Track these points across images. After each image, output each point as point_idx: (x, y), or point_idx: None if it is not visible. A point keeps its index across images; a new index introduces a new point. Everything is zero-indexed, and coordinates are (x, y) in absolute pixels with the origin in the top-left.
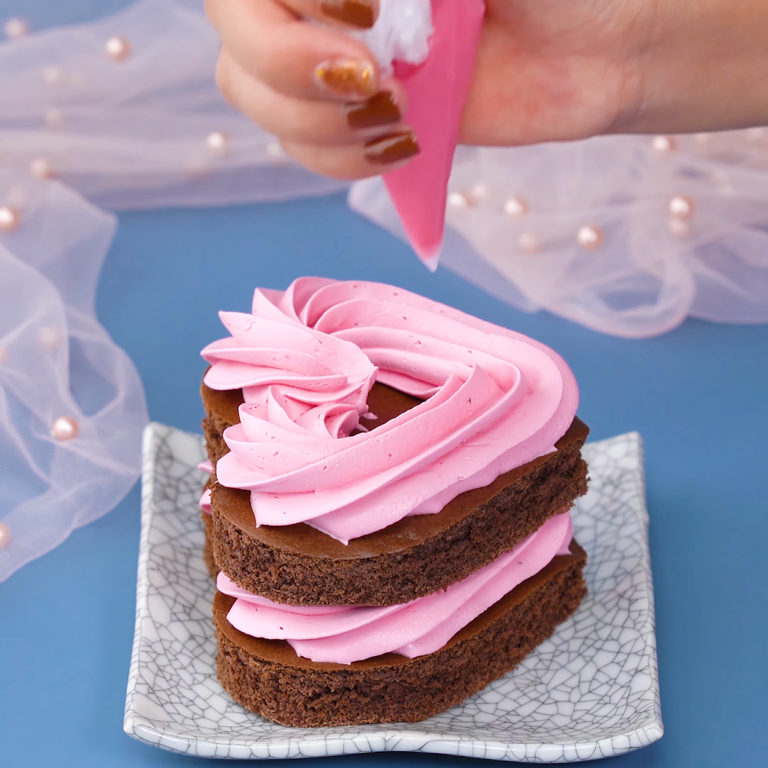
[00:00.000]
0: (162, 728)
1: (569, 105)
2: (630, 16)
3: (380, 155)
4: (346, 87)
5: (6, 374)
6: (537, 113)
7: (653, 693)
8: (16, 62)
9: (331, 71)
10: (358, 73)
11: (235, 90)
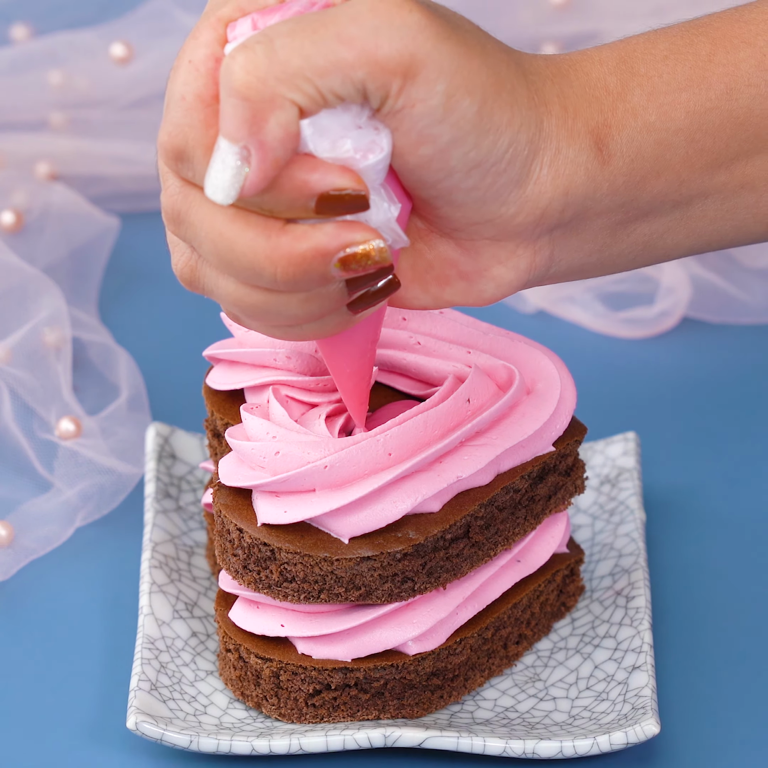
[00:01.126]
0: (164, 724)
1: (479, 281)
2: (540, 207)
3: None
4: (364, 267)
5: (10, 374)
6: (448, 286)
7: (650, 689)
8: (20, 65)
9: (348, 259)
10: (375, 252)
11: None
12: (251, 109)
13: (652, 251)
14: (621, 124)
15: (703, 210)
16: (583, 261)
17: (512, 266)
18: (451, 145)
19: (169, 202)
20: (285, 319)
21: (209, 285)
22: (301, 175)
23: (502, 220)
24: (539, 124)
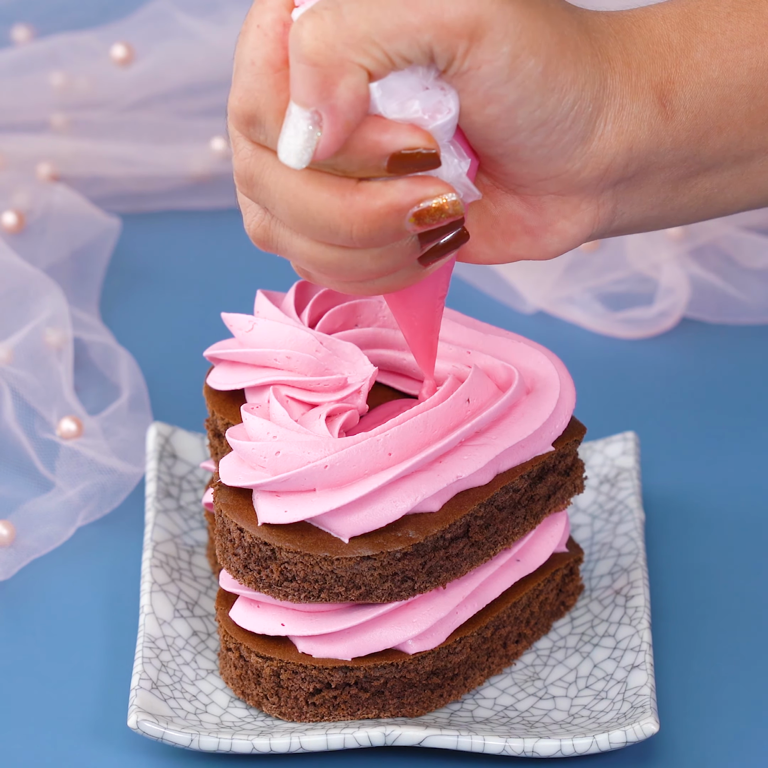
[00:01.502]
0: (165, 723)
1: (544, 235)
2: (605, 162)
3: (438, 251)
4: (438, 220)
5: (12, 374)
6: (513, 241)
7: (649, 688)
8: (21, 67)
9: (422, 213)
10: (448, 206)
11: (284, 247)
12: (321, 75)
13: (712, 205)
14: (684, 80)
15: (764, 165)
16: (645, 214)
17: (576, 220)
18: (516, 105)
19: (242, 165)
20: (359, 274)
21: (283, 244)
22: (373, 136)
23: (567, 175)
24: (603, 81)
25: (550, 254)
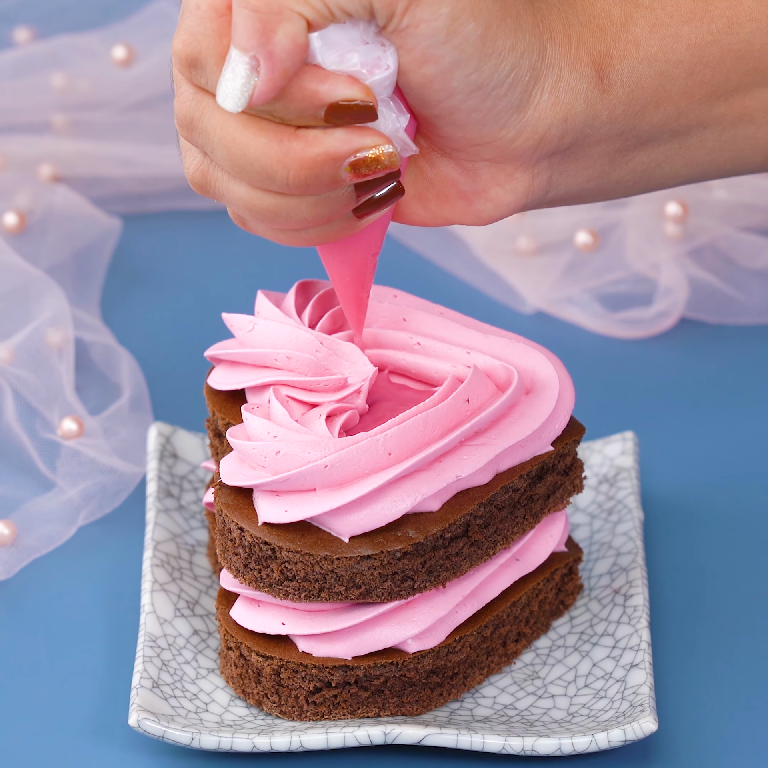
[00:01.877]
0: (166, 722)
1: (478, 201)
2: (539, 132)
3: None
4: (374, 171)
5: (13, 374)
6: (447, 204)
7: (648, 687)
8: (22, 68)
9: (358, 163)
10: (384, 157)
11: (222, 192)
12: (260, 20)
13: (650, 179)
14: (623, 54)
15: (702, 140)
16: (581, 187)
17: (510, 189)
18: (453, 67)
19: (182, 108)
20: (294, 222)
21: (220, 189)
22: (311, 85)
23: (501, 142)
24: (542, 51)
25: (484, 220)
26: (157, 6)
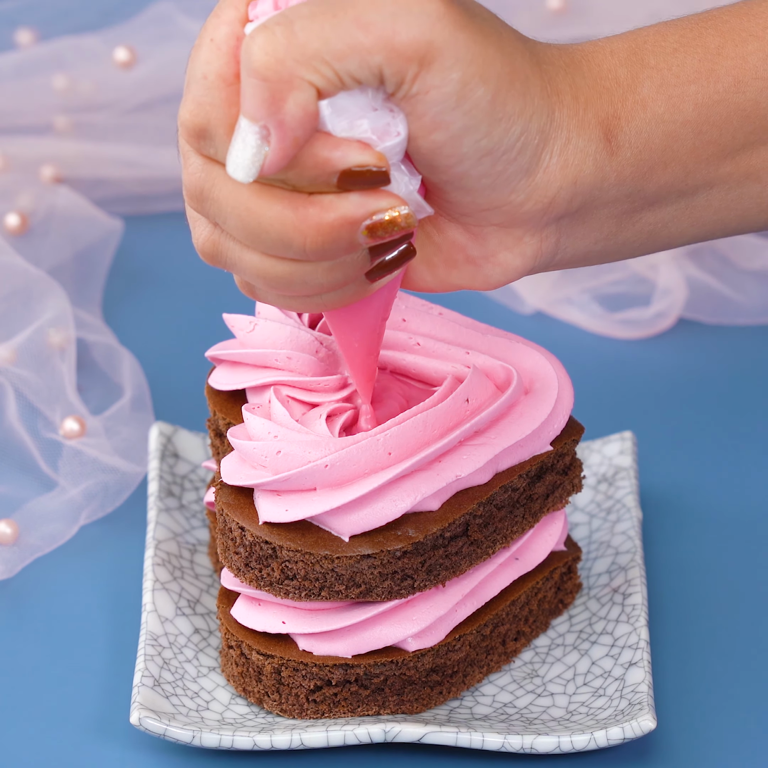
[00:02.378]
0: (167, 720)
1: (486, 265)
2: (549, 195)
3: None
4: (390, 233)
5: (15, 375)
6: (455, 269)
7: (647, 685)
8: (25, 70)
9: (375, 226)
10: (401, 219)
11: (234, 261)
12: (270, 90)
13: (656, 239)
14: (630, 115)
15: (708, 200)
16: (588, 249)
17: (519, 253)
18: (463, 132)
19: (192, 180)
20: (309, 288)
21: (232, 258)
22: (324, 152)
23: (510, 207)
24: (551, 113)
25: (492, 285)
26: (159, 8)
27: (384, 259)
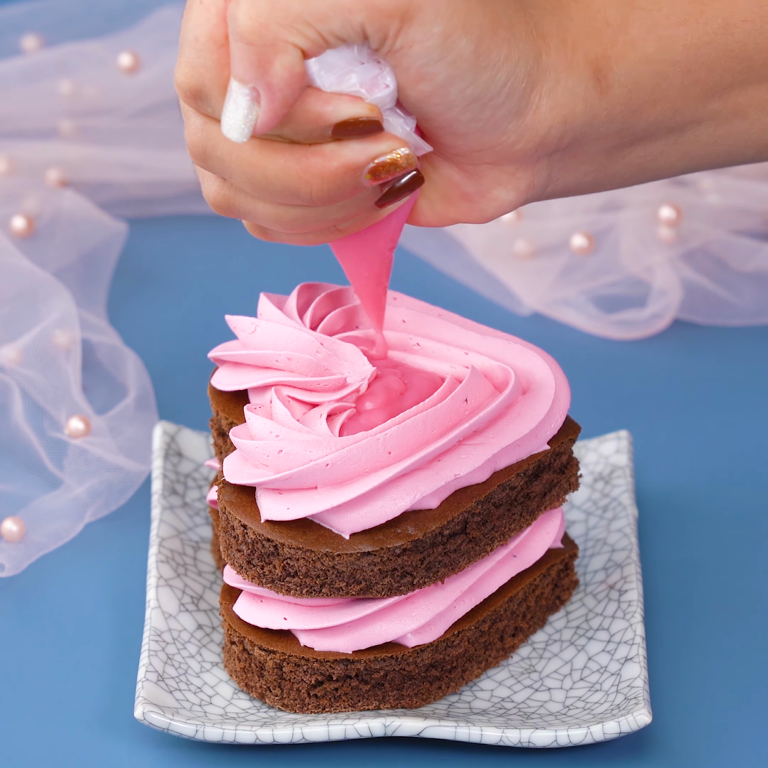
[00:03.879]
0: (171, 714)
1: (481, 201)
2: (540, 135)
3: (394, 193)
4: (393, 173)
5: (21, 375)
6: (451, 205)
7: (642, 680)
8: (30, 75)
9: (377, 168)
10: (402, 159)
11: (247, 210)
12: (256, 53)
13: (645, 172)
14: (620, 56)
15: (696, 135)
16: (579, 180)
17: (512, 187)
18: (448, 82)
19: (194, 140)
20: (325, 222)
21: (245, 208)
22: (316, 108)
23: (502, 147)
24: (537, 57)
25: (487, 218)
26: (162, 14)
27: (395, 186)
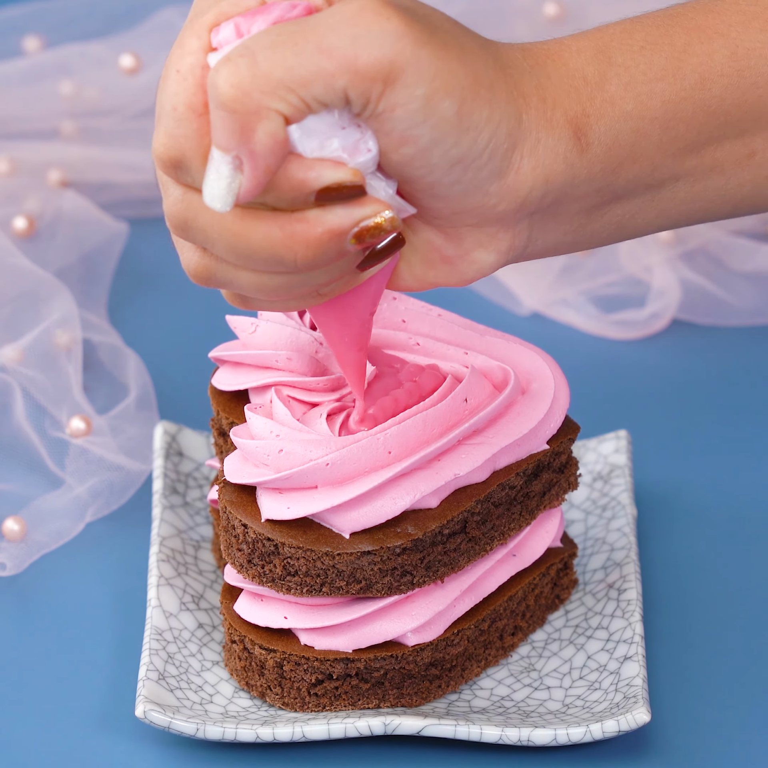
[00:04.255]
0: (172, 713)
1: (461, 263)
2: (521, 196)
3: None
4: (378, 238)
5: (23, 374)
6: (432, 269)
7: (641, 679)
8: (32, 76)
9: (362, 233)
10: (386, 223)
11: (229, 280)
12: (238, 121)
13: (623, 230)
14: (599, 113)
15: (674, 192)
16: (558, 240)
17: (493, 249)
18: (431, 145)
19: (173, 211)
20: (308, 288)
21: (227, 278)
22: (298, 175)
23: (484, 209)
24: (518, 117)
25: (467, 281)
26: (163, 15)
27: (375, 248)
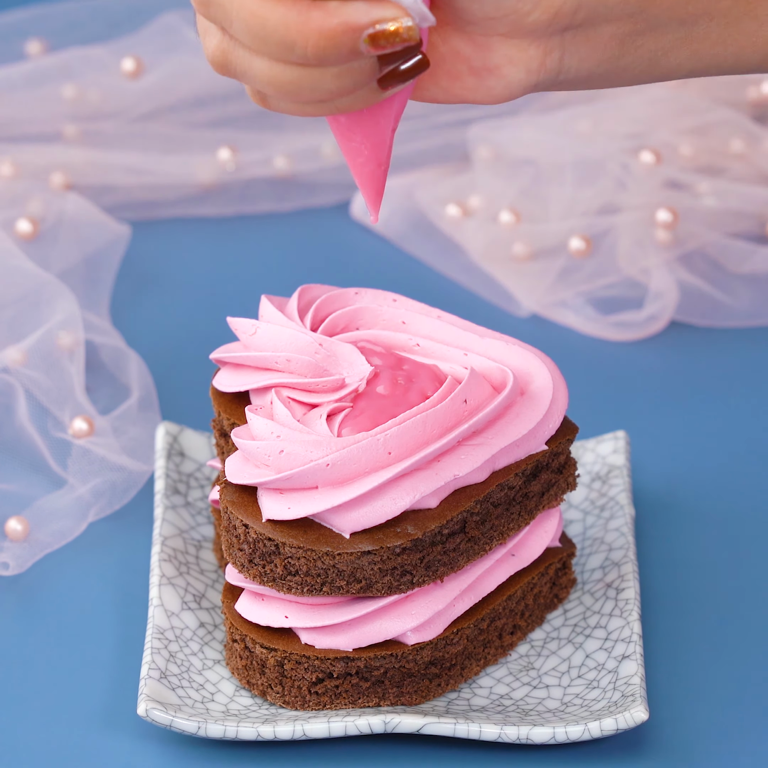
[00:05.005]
0: (173, 711)
1: (489, 78)
2: (555, 6)
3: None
4: (392, 44)
5: (26, 375)
6: (458, 81)
7: (639, 678)
8: (35, 80)
9: (377, 35)
10: (403, 30)
11: (243, 68)
12: None
13: (655, 67)
14: None
15: (707, 31)
16: (591, 70)
17: (523, 66)
18: None
19: None
20: (318, 94)
21: (242, 65)
22: None
23: (517, 15)
24: None
25: (495, 98)
26: (165, 20)
27: (399, 68)
